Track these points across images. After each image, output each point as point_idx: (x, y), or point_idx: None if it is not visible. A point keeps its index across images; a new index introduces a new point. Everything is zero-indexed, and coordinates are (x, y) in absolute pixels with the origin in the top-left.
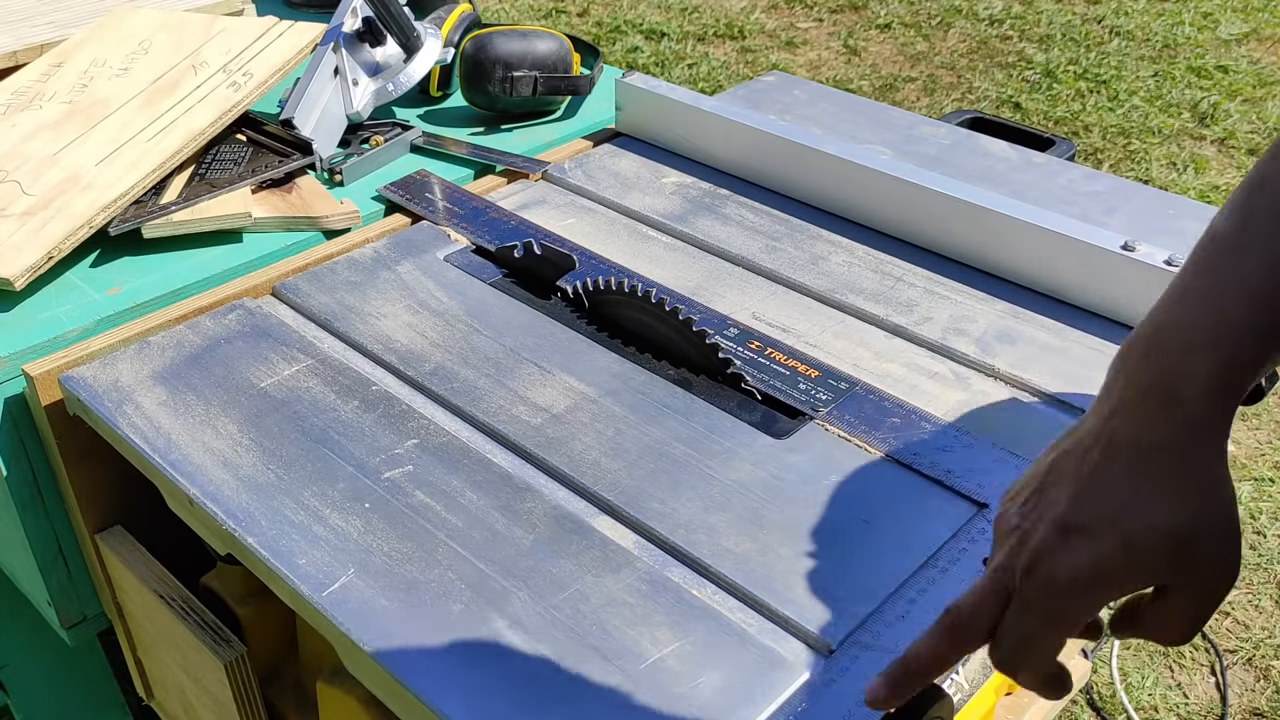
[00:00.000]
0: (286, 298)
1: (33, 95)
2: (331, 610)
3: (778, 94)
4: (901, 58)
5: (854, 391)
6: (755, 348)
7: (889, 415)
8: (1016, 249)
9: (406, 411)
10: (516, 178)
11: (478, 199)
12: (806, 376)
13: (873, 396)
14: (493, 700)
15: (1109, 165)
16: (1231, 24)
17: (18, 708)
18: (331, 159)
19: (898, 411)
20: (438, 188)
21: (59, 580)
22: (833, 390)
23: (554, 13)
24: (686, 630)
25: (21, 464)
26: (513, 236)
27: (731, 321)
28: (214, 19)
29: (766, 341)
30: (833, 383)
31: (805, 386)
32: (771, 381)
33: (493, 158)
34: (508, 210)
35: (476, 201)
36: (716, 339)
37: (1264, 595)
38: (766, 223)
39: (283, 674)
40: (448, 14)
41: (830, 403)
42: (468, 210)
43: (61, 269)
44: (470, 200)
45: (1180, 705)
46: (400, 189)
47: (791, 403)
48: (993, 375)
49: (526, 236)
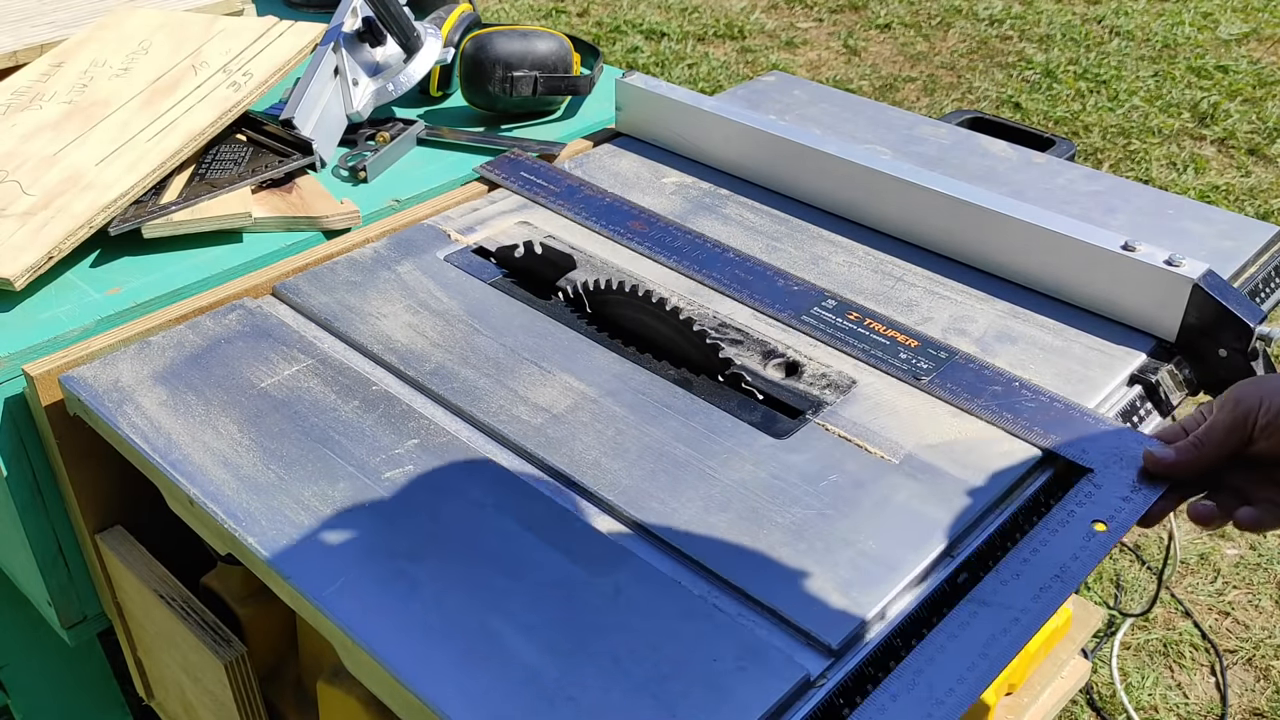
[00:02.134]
0: (287, 298)
1: (33, 95)
2: (331, 610)
3: (778, 94)
4: (901, 58)
5: (954, 360)
6: (854, 319)
7: (990, 383)
8: (1017, 249)
9: (407, 411)
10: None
11: (570, 176)
12: (907, 346)
13: (973, 365)
14: (493, 700)
15: (1109, 165)
16: (1231, 24)
17: (18, 708)
18: (349, 158)
19: (999, 380)
20: (532, 167)
21: (59, 580)
22: (933, 359)
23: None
24: (686, 630)
25: (22, 464)
26: (608, 214)
27: (829, 293)
28: (214, 19)
29: (865, 312)
30: (932, 352)
31: (906, 356)
32: (872, 351)
33: (501, 144)
34: (600, 188)
35: (569, 179)
36: (716, 339)
37: (1264, 595)
38: (766, 223)
39: (283, 674)
40: (448, 14)
41: (931, 371)
42: (562, 189)
43: (61, 269)
44: (564, 179)
45: (1180, 705)
46: (496, 169)
47: (894, 372)
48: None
49: (622, 214)
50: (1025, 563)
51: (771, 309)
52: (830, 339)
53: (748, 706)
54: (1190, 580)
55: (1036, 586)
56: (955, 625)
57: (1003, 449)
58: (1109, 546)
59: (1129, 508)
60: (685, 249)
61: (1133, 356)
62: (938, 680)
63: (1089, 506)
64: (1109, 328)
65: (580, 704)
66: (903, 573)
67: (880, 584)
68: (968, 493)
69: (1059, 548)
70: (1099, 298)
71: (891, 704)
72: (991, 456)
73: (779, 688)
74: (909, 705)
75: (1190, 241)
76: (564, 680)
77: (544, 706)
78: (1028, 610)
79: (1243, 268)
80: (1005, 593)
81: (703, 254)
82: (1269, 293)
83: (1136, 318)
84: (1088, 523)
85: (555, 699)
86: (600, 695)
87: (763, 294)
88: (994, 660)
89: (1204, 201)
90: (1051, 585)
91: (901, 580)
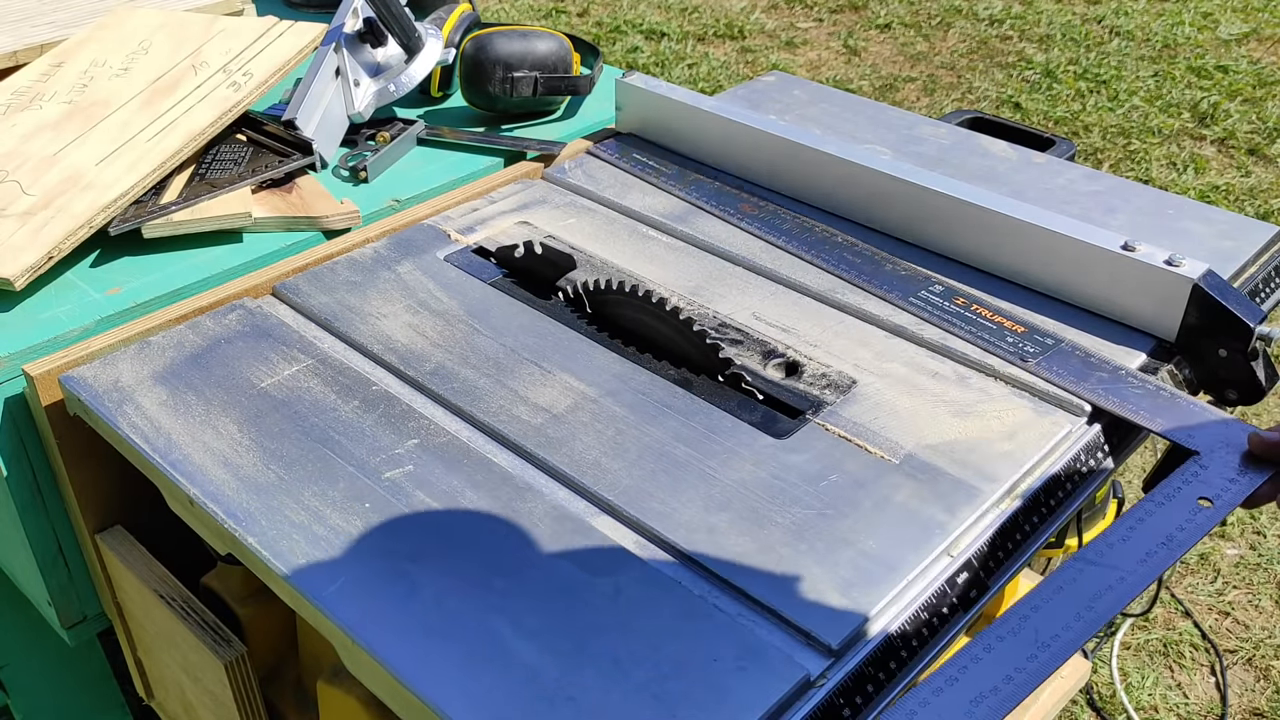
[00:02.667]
0: (287, 298)
1: (33, 95)
2: (331, 610)
3: (778, 94)
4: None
5: (1059, 347)
6: (961, 304)
7: (1095, 370)
8: (1017, 249)
9: (407, 411)
10: (518, 177)
11: (676, 157)
12: (1013, 331)
13: (1079, 352)
14: (493, 700)
15: (1109, 165)
16: (1231, 24)
17: (18, 708)
18: (350, 158)
19: (1105, 366)
20: (643, 145)
21: (59, 580)
22: (1040, 345)
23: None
24: (687, 630)
25: (22, 464)
26: (719, 198)
27: (935, 279)
28: (214, 19)
29: (972, 298)
30: (1039, 338)
31: (1012, 340)
32: (980, 334)
33: (501, 144)
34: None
35: (678, 162)
36: (716, 339)
37: (1264, 595)
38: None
39: (283, 674)
40: (448, 14)
41: (1037, 355)
42: (673, 171)
43: (61, 269)
44: (675, 161)
45: (1180, 705)
46: (608, 150)
47: (1000, 354)
48: (993, 375)
49: (733, 197)
50: (1132, 530)
51: (880, 290)
52: (940, 321)
53: (748, 706)
54: (1190, 580)
55: (1143, 552)
56: (1064, 579)
57: (1004, 449)
58: (1215, 521)
59: (1234, 489)
60: (794, 232)
61: (1133, 356)
62: (1043, 626)
63: (1195, 485)
64: (1109, 328)
65: (580, 704)
66: (903, 573)
67: (880, 584)
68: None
69: (1165, 519)
70: (1099, 297)
71: (999, 644)
72: (993, 456)
73: (779, 688)
74: (1015, 646)
75: (1190, 241)
76: (564, 680)
77: (544, 707)
78: (1133, 572)
79: (1243, 268)
80: (1112, 555)
81: (811, 238)
82: (1269, 293)
83: (1136, 318)
84: (1194, 499)
85: (555, 699)
86: (600, 695)
87: (870, 276)
88: (1099, 614)
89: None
90: (1157, 551)
91: (901, 580)
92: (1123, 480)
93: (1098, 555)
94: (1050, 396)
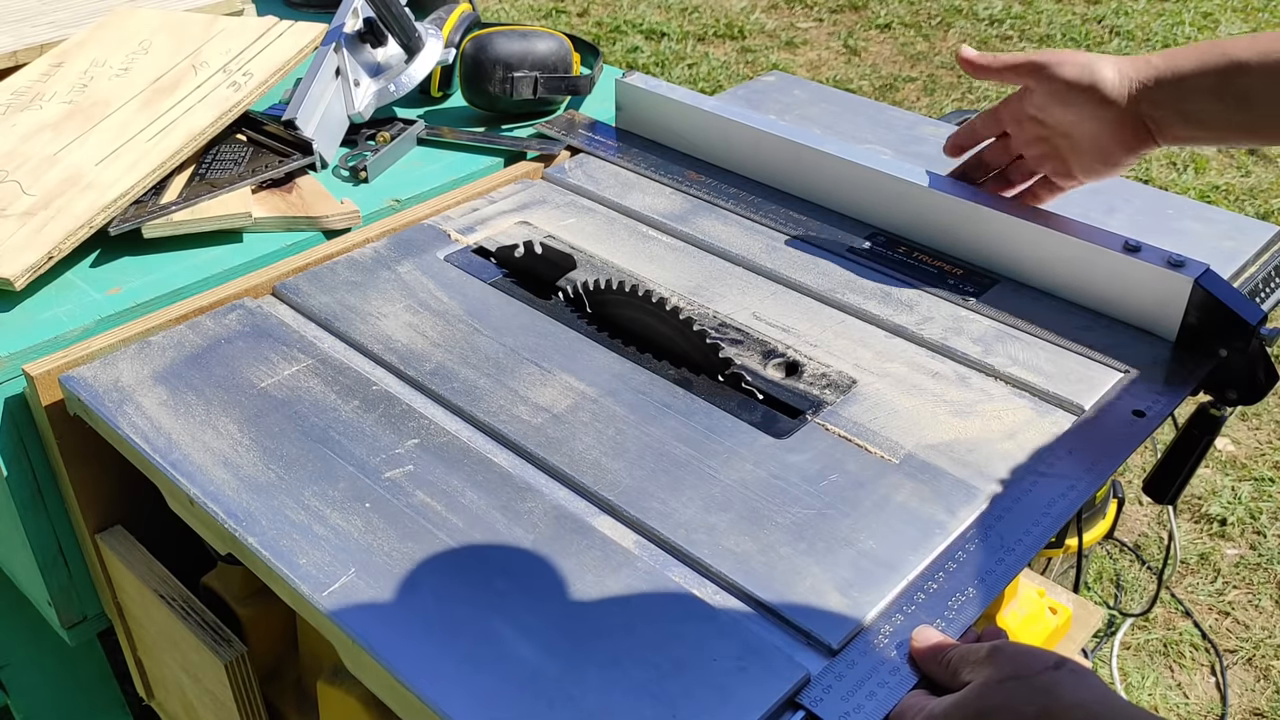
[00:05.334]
0: (287, 298)
1: (33, 95)
2: (332, 610)
3: (778, 94)
4: (901, 58)
5: (998, 284)
6: (903, 250)
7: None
8: (1016, 248)
9: (407, 411)
10: (518, 177)
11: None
12: (952, 275)
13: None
14: (493, 700)
15: None
16: (1231, 24)
17: (18, 708)
18: (350, 157)
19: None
20: (589, 124)
21: (59, 580)
22: (980, 285)
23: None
24: (687, 630)
25: (21, 464)
26: (662, 168)
27: (880, 232)
28: (214, 19)
29: (914, 245)
30: (976, 278)
31: (952, 282)
32: (920, 278)
33: (501, 144)
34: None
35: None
36: (716, 339)
37: (1264, 595)
38: (767, 222)
39: (283, 674)
40: (448, 14)
41: (978, 294)
42: (616, 144)
43: (61, 269)
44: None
45: (1180, 705)
46: (556, 127)
47: (940, 295)
48: (993, 375)
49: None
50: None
51: (820, 236)
52: (882, 267)
53: (748, 706)
54: (1190, 580)
55: (1088, 461)
56: (1019, 490)
57: (1004, 449)
58: (1149, 431)
59: (1163, 401)
60: (739, 195)
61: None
62: (1007, 533)
63: (1126, 399)
64: (1109, 327)
65: (581, 704)
66: (903, 573)
67: (880, 584)
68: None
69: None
70: (1100, 298)
71: (973, 546)
72: (993, 456)
73: (779, 688)
74: (985, 551)
75: (1190, 241)
76: (564, 680)
77: (544, 706)
78: (1081, 479)
79: (1243, 268)
80: (1061, 466)
81: (756, 194)
82: (1269, 293)
83: (1136, 318)
84: (1128, 411)
85: (555, 699)
86: (601, 695)
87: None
88: (1055, 518)
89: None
90: (1100, 460)
91: (902, 580)
92: (1123, 480)
93: (1048, 468)
94: (1050, 396)
